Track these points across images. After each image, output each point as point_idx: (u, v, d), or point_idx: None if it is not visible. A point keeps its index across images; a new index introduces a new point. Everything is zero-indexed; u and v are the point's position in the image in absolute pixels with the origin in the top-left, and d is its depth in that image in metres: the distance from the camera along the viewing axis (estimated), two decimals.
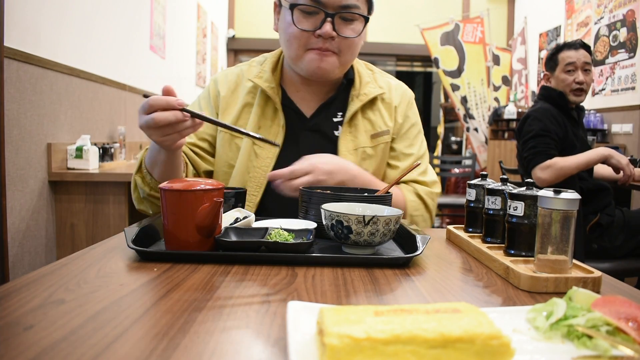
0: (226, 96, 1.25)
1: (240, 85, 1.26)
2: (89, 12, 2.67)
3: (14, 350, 0.45)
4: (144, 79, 3.60)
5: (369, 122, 1.24)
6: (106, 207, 2.31)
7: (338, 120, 1.24)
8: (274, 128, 1.21)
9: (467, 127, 5.48)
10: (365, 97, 1.23)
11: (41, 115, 2.21)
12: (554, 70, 2.30)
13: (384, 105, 1.27)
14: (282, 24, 1.16)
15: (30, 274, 0.66)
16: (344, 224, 0.78)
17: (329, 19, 1.09)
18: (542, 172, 2.09)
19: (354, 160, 1.20)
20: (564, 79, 2.25)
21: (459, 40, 5.39)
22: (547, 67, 2.34)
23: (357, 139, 1.22)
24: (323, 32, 1.09)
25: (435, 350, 0.40)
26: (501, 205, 0.86)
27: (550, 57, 2.32)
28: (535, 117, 2.17)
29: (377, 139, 1.24)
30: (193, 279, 0.67)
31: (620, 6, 4.12)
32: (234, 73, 1.29)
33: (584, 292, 0.54)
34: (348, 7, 1.10)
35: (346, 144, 1.21)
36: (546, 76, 2.35)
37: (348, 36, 1.12)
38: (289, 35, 1.13)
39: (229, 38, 6.82)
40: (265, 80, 1.21)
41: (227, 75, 1.29)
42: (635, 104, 3.88)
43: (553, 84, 2.31)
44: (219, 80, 1.29)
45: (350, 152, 1.20)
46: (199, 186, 0.78)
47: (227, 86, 1.27)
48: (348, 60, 1.17)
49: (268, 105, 1.22)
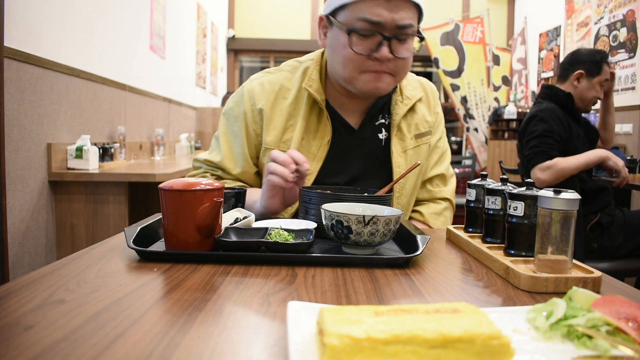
0: (268, 110, 1.19)
1: (280, 95, 1.20)
2: (89, 13, 2.67)
3: (14, 350, 0.45)
4: (144, 79, 3.60)
5: (413, 124, 1.25)
6: (106, 207, 2.31)
7: (380, 122, 1.23)
8: (317, 140, 1.18)
9: (467, 127, 5.48)
10: (409, 100, 1.24)
11: (41, 115, 2.21)
12: (594, 76, 2.22)
13: (423, 105, 1.29)
14: (334, 43, 1.11)
15: (30, 274, 0.66)
16: (344, 224, 0.78)
17: (385, 42, 1.04)
18: (541, 172, 2.08)
19: (404, 161, 1.21)
20: (598, 90, 2.23)
21: (459, 40, 5.39)
22: (586, 68, 2.23)
23: (404, 141, 1.23)
24: (380, 55, 1.05)
25: (435, 350, 0.40)
26: (501, 205, 0.86)
27: (595, 62, 2.22)
28: (541, 118, 2.15)
29: (421, 139, 1.26)
30: (193, 279, 0.67)
31: (620, 6, 4.12)
32: (270, 82, 1.22)
33: (584, 292, 0.54)
34: (404, 28, 1.06)
35: (396, 147, 1.21)
36: (579, 74, 2.23)
37: (404, 57, 1.09)
38: (344, 58, 1.08)
39: (229, 38, 6.82)
40: (315, 90, 1.17)
41: (263, 86, 1.21)
42: (635, 104, 3.88)
43: (582, 86, 2.23)
44: (255, 94, 1.21)
45: (400, 155, 1.21)
46: (199, 186, 0.78)
47: (266, 98, 1.20)
48: (400, 79, 1.15)
49: (312, 116, 1.18)
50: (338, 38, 1.08)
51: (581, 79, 2.24)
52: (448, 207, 1.32)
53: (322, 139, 1.18)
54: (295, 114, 1.19)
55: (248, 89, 1.22)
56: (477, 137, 5.44)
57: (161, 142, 3.68)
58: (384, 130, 1.23)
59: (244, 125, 1.21)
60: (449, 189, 1.33)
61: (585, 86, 2.24)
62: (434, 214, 1.29)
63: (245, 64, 7.64)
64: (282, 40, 6.61)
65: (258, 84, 1.22)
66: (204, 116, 5.30)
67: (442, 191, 1.32)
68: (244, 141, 1.21)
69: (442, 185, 1.33)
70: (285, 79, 1.22)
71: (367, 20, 1.03)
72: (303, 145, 1.17)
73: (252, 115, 1.20)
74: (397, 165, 1.20)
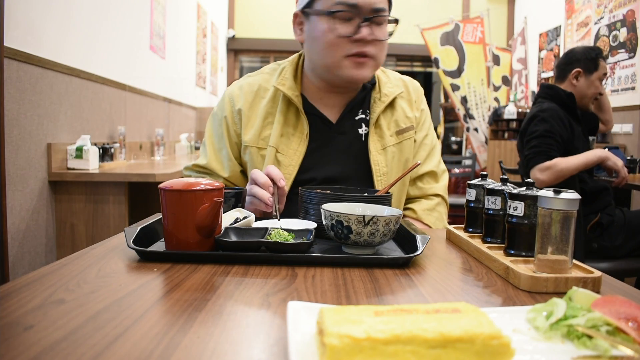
0: (246, 110, 1.25)
1: (258, 96, 1.26)
2: (89, 13, 2.67)
3: (14, 350, 0.45)
4: (144, 79, 3.60)
5: (393, 120, 1.28)
6: (106, 207, 2.31)
7: (359, 117, 1.26)
8: (296, 136, 1.22)
9: (467, 127, 5.48)
10: (387, 97, 1.27)
11: (41, 115, 2.21)
12: (591, 73, 2.22)
13: (404, 102, 1.31)
14: (314, 33, 1.15)
15: (30, 274, 0.66)
16: (344, 224, 0.78)
17: (364, 24, 1.11)
18: (540, 173, 2.08)
19: (383, 159, 1.24)
20: (598, 86, 2.23)
21: (459, 40, 5.39)
22: (584, 66, 2.23)
23: (383, 139, 1.25)
24: (362, 36, 1.11)
25: (435, 350, 0.40)
26: (501, 205, 0.86)
27: (592, 59, 2.23)
28: (543, 118, 2.14)
29: (402, 134, 1.28)
30: (193, 279, 0.67)
31: (620, 6, 4.12)
32: (249, 84, 1.28)
33: (584, 292, 0.54)
34: (380, 11, 1.12)
35: (374, 144, 1.24)
36: (577, 73, 2.24)
37: (382, 38, 1.15)
38: (326, 44, 1.13)
39: (229, 38, 6.82)
40: (288, 88, 1.22)
41: (242, 88, 1.28)
42: (635, 104, 3.88)
43: (581, 84, 2.23)
44: (234, 96, 1.27)
45: (379, 152, 1.24)
46: (199, 186, 0.78)
47: (245, 99, 1.26)
48: (380, 63, 1.20)
49: (290, 113, 1.23)
50: (317, 26, 1.14)
51: (579, 77, 2.25)
52: (441, 203, 1.33)
53: (301, 134, 1.22)
54: (272, 112, 1.24)
55: (228, 93, 1.29)
56: (477, 137, 5.44)
57: (161, 142, 3.68)
58: (364, 126, 1.26)
59: (226, 127, 1.27)
60: (440, 185, 1.34)
61: (584, 84, 2.24)
62: (426, 210, 1.30)
63: (245, 64, 7.64)
64: (282, 40, 6.61)
65: (237, 87, 1.29)
66: (204, 116, 5.30)
67: (432, 187, 1.33)
68: (226, 143, 1.27)
69: (433, 182, 1.34)
70: (264, 80, 1.28)
71: (345, 3, 1.10)
72: (283, 141, 1.21)
73: (232, 116, 1.26)
74: (376, 162, 1.22)
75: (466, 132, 5.53)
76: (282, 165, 1.20)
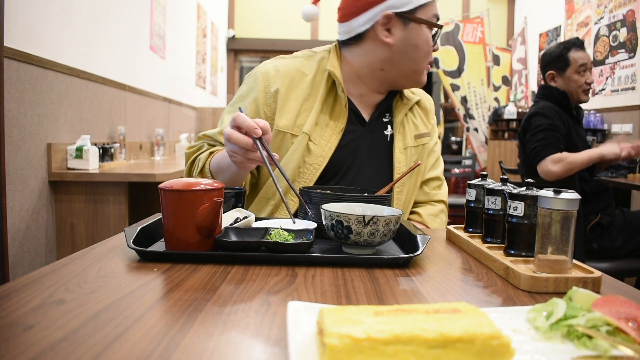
0: (283, 93, 1.18)
1: (296, 79, 1.20)
2: (89, 13, 2.67)
3: (14, 350, 0.45)
4: (144, 79, 3.60)
5: (413, 124, 1.32)
6: (106, 207, 2.31)
7: (386, 120, 1.29)
8: (330, 126, 1.19)
9: (467, 127, 5.48)
10: (409, 101, 1.31)
11: (41, 115, 2.21)
12: (564, 71, 2.24)
13: (421, 109, 1.35)
14: (414, 40, 1.17)
15: (30, 274, 0.66)
16: (344, 224, 0.78)
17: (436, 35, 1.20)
18: (553, 164, 2.07)
19: (404, 158, 1.26)
20: (577, 79, 2.22)
21: (459, 40, 5.40)
22: (554, 67, 2.28)
23: (405, 139, 1.28)
24: (436, 47, 1.21)
25: (435, 350, 0.40)
26: (501, 205, 0.86)
27: (559, 57, 2.25)
28: (543, 114, 2.16)
29: (420, 139, 1.31)
30: (193, 279, 0.67)
31: (620, 6, 4.12)
32: (285, 65, 1.21)
33: (584, 292, 0.54)
34: None
35: (398, 143, 1.26)
36: (551, 75, 2.28)
37: None
38: (425, 52, 1.19)
39: (229, 38, 6.82)
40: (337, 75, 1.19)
41: (278, 69, 1.20)
42: (635, 104, 3.88)
43: (560, 84, 2.26)
44: (269, 77, 1.19)
45: (401, 152, 1.26)
46: (199, 186, 0.78)
47: (282, 81, 1.18)
48: None
49: (328, 102, 1.20)
50: (420, 35, 1.17)
51: (556, 78, 2.28)
52: (443, 210, 1.37)
53: (335, 126, 1.20)
54: (310, 99, 1.19)
55: (262, 71, 1.21)
56: (477, 137, 5.44)
57: (161, 142, 3.68)
58: (390, 127, 1.28)
59: (254, 106, 1.19)
60: (444, 192, 1.39)
61: (562, 83, 2.26)
62: (431, 215, 1.33)
63: (245, 64, 7.64)
64: (282, 40, 6.61)
65: (273, 67, 1.21)
66: (204, 116, 5.30)
67: (438, 194, 1.37)
68: None
69: (438, 188, 1.38)
70: (301, 64, 1.22)
71: (437, 16, 1.19)
72: (317, 130, 1.17)
73: (265, 97, 1.19)
74: (398, 161, 1.25)
75: (466, 132, 5.54)
76: (313, 154, 1.16)
